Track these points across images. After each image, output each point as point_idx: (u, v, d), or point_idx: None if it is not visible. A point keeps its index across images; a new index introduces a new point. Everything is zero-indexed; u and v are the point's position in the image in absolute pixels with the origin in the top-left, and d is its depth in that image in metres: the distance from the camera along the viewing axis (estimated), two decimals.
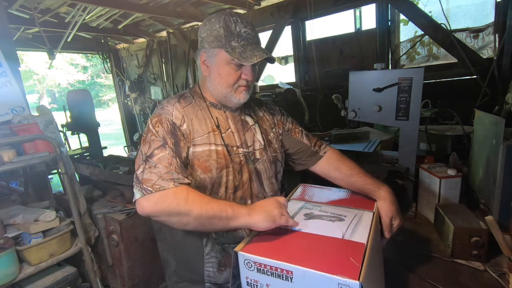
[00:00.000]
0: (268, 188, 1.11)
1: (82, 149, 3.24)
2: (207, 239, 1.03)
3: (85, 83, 16.41)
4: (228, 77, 0.99)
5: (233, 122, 1.07)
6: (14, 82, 1.94)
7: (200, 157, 0.97)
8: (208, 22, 0.98)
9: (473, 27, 2.31)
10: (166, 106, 1.00)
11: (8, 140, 1.65)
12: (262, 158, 1.09)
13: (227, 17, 0.95)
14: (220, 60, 0.97)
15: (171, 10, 3.40)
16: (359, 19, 2.95)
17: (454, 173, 1.28)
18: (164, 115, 0.97)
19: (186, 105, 1.02)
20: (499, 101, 1.68)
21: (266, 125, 1.16)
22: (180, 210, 0.84)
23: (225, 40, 0.95)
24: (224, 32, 0.94)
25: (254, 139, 1.09)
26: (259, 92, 3.50)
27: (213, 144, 0.99)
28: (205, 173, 0.98)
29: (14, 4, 2.84)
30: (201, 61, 1.02)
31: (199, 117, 1.01)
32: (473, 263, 1.03)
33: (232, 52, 0.94)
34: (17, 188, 2.13)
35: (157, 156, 0.89)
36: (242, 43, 0.95)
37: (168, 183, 0.85)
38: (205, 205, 0.84)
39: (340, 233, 0.85)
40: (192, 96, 1.06)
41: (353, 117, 1.61)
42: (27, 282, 1.74)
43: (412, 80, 1.41)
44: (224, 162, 0.99)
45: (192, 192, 0.86)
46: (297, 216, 0.96)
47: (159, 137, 0.92)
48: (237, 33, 0.95)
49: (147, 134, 0.94)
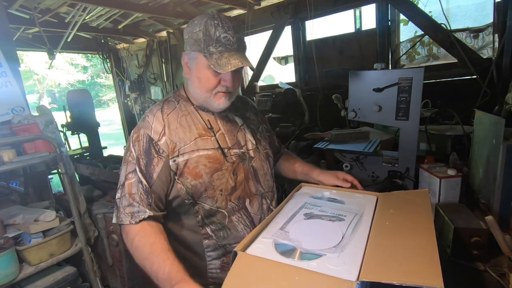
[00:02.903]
0: (264, 185, 1.11)
1: (82, 149, 3.25)
2: (208, 241, 1.03)
3: (85, 83, 16.42)
4: (206, 82, 0.97)
5: (222, 124, 1.07)
6: (14, 82, 1.94)
7: (189, 165, 0.97)
8: (191, 24, 0.97)
9: (473, 27, 2.31)
10: (147, 116, 1.00)
11: (8, 140, 1.65)
12: (256, 156, 1.10)
13: (209, 21, 0.92)
14: (200, 64, 0.96)
15: (171, 10, 3.40)
16: (359, 19, 2.95)
17: (454, 173, 1.28)
18: (143, 129, 0.97)
19: (170, 111, 1.01)
20: (499, 101, 1.68)
21: (253, 124, 1.18)
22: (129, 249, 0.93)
23: (204, 45, 0.93)
24: (203, 36, 0.93)
25: (245, 139, 1.10)
26: (259, 92, 3.50)
27: (201, 150, 0.99)
28: (196, 179, 0.97)
29: (14, 4, 2.84)
30: (183, 63, 1.01)
31: (184, 124, 1.00)
32: (473, 263, 1.03)
33: (209, 58, 0.92)
34: (17, 188, 2.13)
35: (128, 181, 0.95)
36: (220, 49, 0.93)
37: (126, 218, 0.92)
38: (143, 260, 0.88)
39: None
40: (177, 101, 1.05)
41: (353, 117, 1.61)
42: (27, 282, 1.74)
43: (412, 80, 1.41)
44: (215, 166, 0.99)
45: (139, 237, 0.90)
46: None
47: (134, 159, 0.95)
48: (216, 38, 0.92)
49: (127, 152, 0.98)
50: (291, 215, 0.96)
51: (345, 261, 0.73)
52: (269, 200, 1.12)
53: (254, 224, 1.06)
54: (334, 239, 0.82)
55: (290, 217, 0.96)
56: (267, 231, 0.88)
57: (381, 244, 0.77)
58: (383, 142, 1.84)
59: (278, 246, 0.81)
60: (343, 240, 0.82)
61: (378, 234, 0.82)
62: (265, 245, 0.82)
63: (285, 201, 1.05)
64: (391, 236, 0.80)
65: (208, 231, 1.03)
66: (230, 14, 3.55)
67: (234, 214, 1.03)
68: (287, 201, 1.06)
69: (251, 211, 1.06)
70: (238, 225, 1.04)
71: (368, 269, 0.68)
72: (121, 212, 0.94)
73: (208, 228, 1.03)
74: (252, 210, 1.07)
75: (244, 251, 0.79)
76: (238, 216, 1.04)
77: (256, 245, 0.83)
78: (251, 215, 1.06)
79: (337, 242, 0.81)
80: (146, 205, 0.93)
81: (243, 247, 0.81)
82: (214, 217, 1.02)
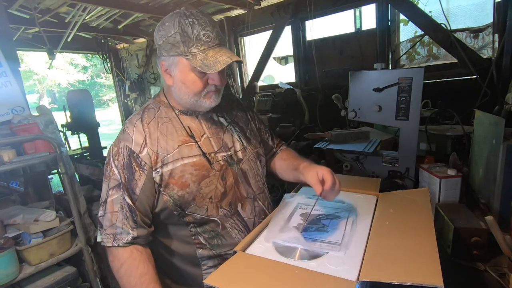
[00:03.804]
0: (255, 187, 1.07)
1: (82, 149, 3.25)
2: (202, 250, 0.99)
3: (85, 83, 16.42)
4: (193, 85, 0.91)
5: (207, 127, 1.01)
6: (14, 82, 1.94)
7: (174, 175, 0.91)
8: (162, 27, 0.88)
9: (473, 27, 2.31)
10: (127, 128, 0.94)
11: (8, 140, 1.65)
12: (245, 158, 1.05)
13: (182, 20, 0.85)
14: (182, 68, 0.89)
15: (171, 10, 3.37)
16: (359, 19, 2.95)
17: (454, 173, 1.28)
18: (124, 142, 0.92)
19: (150, 120, 0.95)
20: (499, 101, 1.68)
21: (242, 122, 1.13)
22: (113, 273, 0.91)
23: (184, 47, 0.86)
24: (181, 38, 0.85)
25: (233, 140, 1.05)
26: (259, 92, 3.50)
27: (185, 158, 0.93)
28: (182, 189, 0.92)
29: (14, 4, 2.84)
30: (162, 70, 0.94)
31: (165, 132, 0.94)
32: (473, 263, 1.03)
33: (193, 60, 0.86)
34: (17, 188, 2.13)
35: (110, 198, 0.91)
36: (202, 48, 0.86)
37: (108, 240, 0.90)
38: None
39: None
40: (157, 107, 0.99)
41: (353, 117, 1.61)
42: (27, 282, 1.74)
43: (412, 80, 1.41)
44: (202, 173, 0.94)
45: (126, 265, 0.89)
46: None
47: (115, 174, 0.91)
48: (196, 37, 0.85)
49: (107, 167, 0.93)
50: (287, 216, 0.97)
51: (345, 261, 0.73)
52: (261, 201, 1.08)
53: (248, 228, 1.02)
54: (334, 239, 0.83)
55: (287, 218, 0.96)
56: (266, 233, 0.88)
57: (381, 244, 0.77)
58: (383, 142, 1.84)
59: (278, 247, 0.81)
60: (343, 240, 0.82)
61: (378, 234, 0.82)
62: (264, 246, 0.82)
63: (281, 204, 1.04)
64: (391, 235, 0.80)
65: (202, 240, 0.98)
66: (230, 14, 3.56)
67: (227, 221, 0.99)
68: (282, 202, 1.05)
69: (244, 216, 1.02)
70: (232, 231, 1.00)
71: (368, 269, 0.68)
72: (102, 233, 0.91)
73: (201, 237, 0.98)
74: (245, 214, 1.02)
75: (243, 251, 0.79)
76: (231, 222, 1.00)
77: (255, 245, 0.84)
78: (245, 220, 1.02)
79: (337, 242, 0.81)
80: (131, 224, 0.89)
81: (242, 247, 0.81)
82: (206, 225, 0.98)
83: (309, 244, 0.80)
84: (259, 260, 0.75)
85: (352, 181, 1.24)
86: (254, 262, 0.74)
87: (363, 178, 1.34)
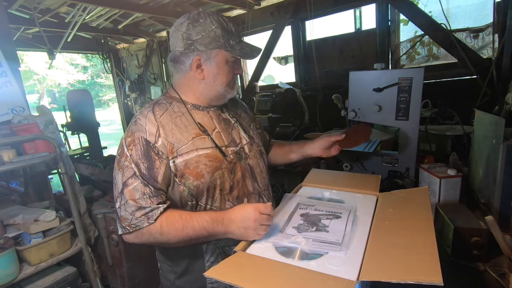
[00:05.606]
0: (261, 183, 1.11)
1: (82, 149, 3.25)
2: (207, 245, 1.01)
3: (85, 83, 16.42)
4: (227, 76, 1.00)
5: (217, 122, 1.06)
6: (14, 82, 1.94)
7: (189, 165, 0.94)
8: (196, 23, 0.94)
9: (473, 27, 2.31)
10: (139, 119, 0.96)
11: (8, 140, 1.65)
12: (251, 153, 1.10)
13: (217, 17, 0.96)
14: (220, 59, 0.97)
15: (171, 10, 3.40)
16: (359, 19, 2.95)
17: (454, 173, 1.28)
18: (138, 133, 0.93)
19: (162, 113, 0.98)
20: (499, 101, 1.68)
21: (245, 121, 1.18)
22: (158, 241, 0.93)
23: (223, 40, 0.95)
24: (222, 32, 0.95)
25: (240, 136, 1.10)
26: (259, 92, 3.50)
27: (200, 149, 0.97)
28: (197, 180, 0.95)
29: (14, 4, 2.84)
30: (194, 66, 0.97)
31: (179, 125, 0.98)
32: (473, 263, 1.03)
33: (233, 50, 0.96)
34: (17, 188, 2.13)
35: (130, 186, 0.90)
36: (237, 40, 0.98)
37: (142, 222, 0.89)
38: (181, 232, 0.89)
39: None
40: (169, 103, 1.02)
41: (353, 117, 1.61)
42: (27, 282, 1.74)
43: (412, 80, 1.41)
44: (215, 164, 0.97)
45: (166, 223, 0.89)
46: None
47: (132, 164, 0.91)
48: (231, 32, 0.97)
49: (121, 157, 0.93)
50: (288, 216, 0.97)
51: (345, 261, 0.73)
52: (265, 198, 1.11)
53: None
54: (334, 239, 0.83)
55: (288, 218, 0.96)
56: (266, 234, 0.88)
57: (380, 243, 0.78)
58: (383, 142, 1.84)
59: (278, 247, 0.81)
60: (344, 240, 0.82)
61: (378, 234, 0.82)
62: (264, 246, 0.82)
63: (281, 204, 1.05)
64: (391, 235, 0.80)
65: None
66: (230, 14, 3.56)
67: None
68: (282, 202, 1.06)
69: None
70: None
71: (368, 269, 0.68)
72: (131, 220, 0.89)
73: None
74: None
75: (243, 251, 0.79)
76: None
77: (255, 245, 0.84)
78: None
79: (338, 242, 0.81)
80: (157, 200, 0.91)
81: (242, 247, 0.81)
82: None
83: (309, 244, 0.80)
84: (259, 260, 0.75)
85: (353, 178, 1.24)
86: (254, 262, 0.74)
87: (364, 175, 1.34)
